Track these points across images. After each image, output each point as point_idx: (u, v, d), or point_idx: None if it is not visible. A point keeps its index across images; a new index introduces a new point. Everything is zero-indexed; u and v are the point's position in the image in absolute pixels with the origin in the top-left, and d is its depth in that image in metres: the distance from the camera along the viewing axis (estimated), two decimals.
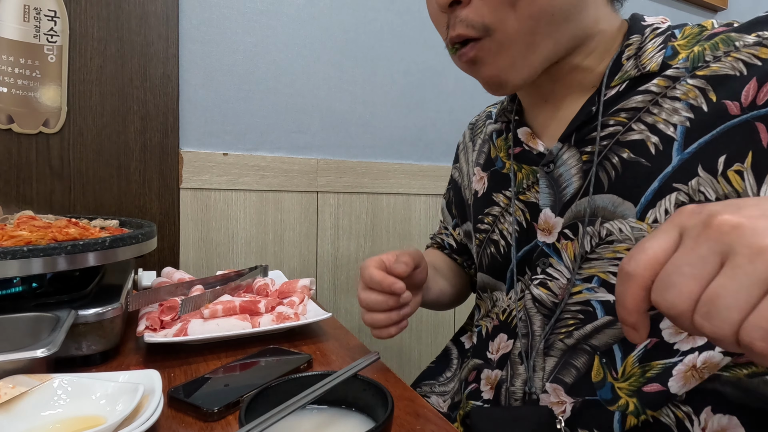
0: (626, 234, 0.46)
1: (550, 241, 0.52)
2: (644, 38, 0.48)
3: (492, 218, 0.60)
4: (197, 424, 0.41)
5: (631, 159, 0.47)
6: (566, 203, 0.51)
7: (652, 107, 0.46)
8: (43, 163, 0.86)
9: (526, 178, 0.55)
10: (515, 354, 0.54)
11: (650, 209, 0.45)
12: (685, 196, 0.44)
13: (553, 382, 0.50)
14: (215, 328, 0.57)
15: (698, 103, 0.44)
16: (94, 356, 0.51)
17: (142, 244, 0.57)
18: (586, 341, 0.49)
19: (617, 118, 0.48)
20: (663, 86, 0.46)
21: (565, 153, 0.51)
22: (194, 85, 0.99)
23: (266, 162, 1.06)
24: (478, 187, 0.64)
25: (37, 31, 0.83)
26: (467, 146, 0.72)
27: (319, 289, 1.15)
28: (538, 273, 0.53)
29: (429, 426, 0.41)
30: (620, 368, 0.47)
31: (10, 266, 0.45)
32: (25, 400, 0.37)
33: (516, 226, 0.56)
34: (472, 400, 0.57)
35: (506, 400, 0.53)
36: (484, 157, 0.65)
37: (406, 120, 1.23)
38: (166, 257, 0.97)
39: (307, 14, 1.09)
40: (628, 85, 0.48)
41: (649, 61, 0.47)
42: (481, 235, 0.62)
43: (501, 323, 0.58)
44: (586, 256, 0.49)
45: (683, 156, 0.44)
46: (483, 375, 0.57)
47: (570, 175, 0.50)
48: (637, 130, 0.47)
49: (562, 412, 0.49)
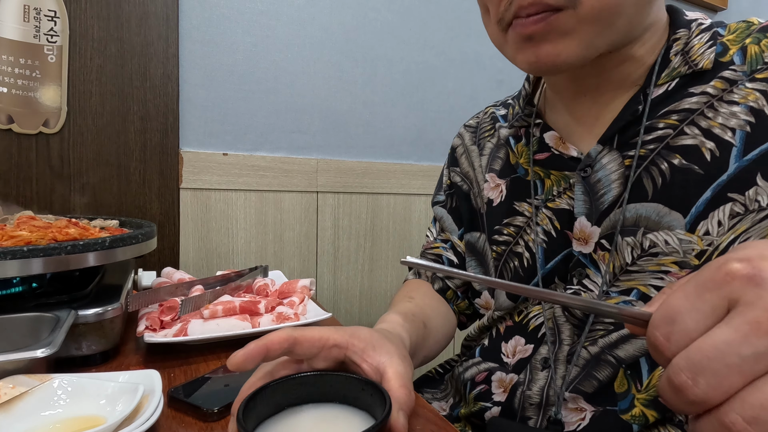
0: (673, 246, 0.43)
1: (587, 251, 0.48)
2: (691, 33, 0.45)
3: (515, 229, 0.56)
4: (197, 424, 0.41)
5: (682, 165, 0.43)
6: (604, 211, 0.47)
7: (707, 110, 0.43)
8: (43, 163, 0.86)
9: (556, 185, 0.51)
10: (537, 360, 0.51)
11: (701, 221, 0.42)
12: (741, 206, 0.41)
13: (573, 392, 0.48)
14: (215, 328, 0.57)
15: (759, 106, 0.41)
16: (94, 356, 0.51)
17: (142, 244, 0.57)
18: (611, 350, 0.46)
19: (667, 121, 0.44)
20: (720, 89, 0.43)
21: (604, 157, 0.47)
22: (194, 85, 0.99)
23: (266, 162, 1.06)
24: (493, 195, 0.59)
25: (37, 31, 0.83)
26: (469, 150, 0.66)
27: (319, 289, 1.15)
28: (573, 284, 0.49)
29: (429, 426, 0.41)
30: (646, 381, 0.45)
31: (10, 266, 0.45)
32: (25, 400, 0.37)
33: (543, 236, 0.52)
34: (480, 401, 0.55)
35: (520, 404, 0.51)
36: (500, 164, 0.59)
37: (406, 120, 1.23)
38: (166, 257, 0.97)
39: (307, 14, 1.09)
40: (678, 83, 0.44)
41: (700, 58, 0.44)
42: (500, 248, 0.57)
43: (516, 325, 0.55)
44: (626, 268, 0.46)
45: (741, 163, 0.41)
46: (495, 377, 0.54)
47: (609, 181, 0.47)
48: (691, 135, 0.43)
49: (582, 419, 0.47)
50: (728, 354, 0.20)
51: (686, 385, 0.21)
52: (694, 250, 0.42)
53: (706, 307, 0.21)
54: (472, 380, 0.57)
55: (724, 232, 0.42)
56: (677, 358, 0.21)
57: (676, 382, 0.21)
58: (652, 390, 0.44)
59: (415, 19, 1.21)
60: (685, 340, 0.21)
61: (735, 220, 0.41)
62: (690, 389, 0.20)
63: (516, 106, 0.58)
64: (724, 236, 0.41)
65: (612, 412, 0.46)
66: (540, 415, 0.49)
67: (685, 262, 0.43)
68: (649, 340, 0.23)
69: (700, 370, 0.20)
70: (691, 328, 0.21)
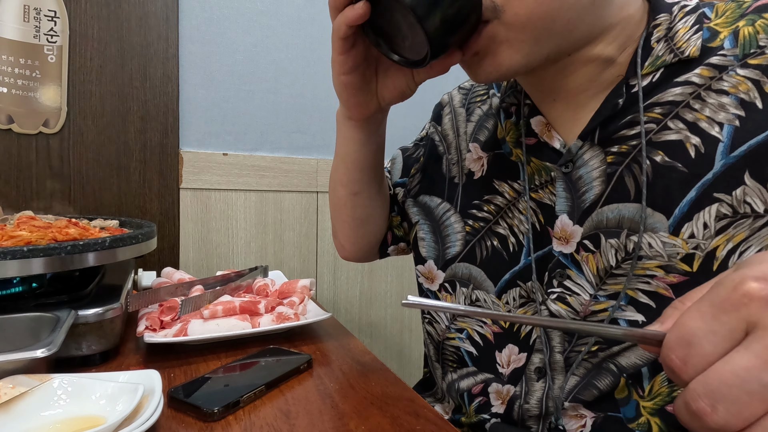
0: (657, 250, 0.41)
1: (568, 252, 0.46)
2: (673, 17, 0.42)
3: (495, 208, 0.53)
4: (197, 424, 0.41)
5: (665, 163, 0.40)
6: (586, 210, 0.45)
7: (694, 102, 0.40)
8: (43, 163, 0.86)
9: (537, 174, 0.48)
10: (531, 370, 0.49)
11: (686, 222, 0.39)
12: (728, 207, 0.38)
13: (573, 401, 0.46)
14: (215, 329, 0.57)
15: (751, 98, 0.38)
16: (94, 356, 0.51)
17: (142, 244, 0.57)
18: (612, 359, 0.44)
19: (650, 114, 0.41)
20: (707, 77, 0.39)
21: (586, 152, 0.44)
22: (194, 85, 0.99)
23: (266, 162, 1.06)
24: (474, 168, 0.55)
25: (37, 31, 0.83)
26: (457, 112, 0.60)
27: (319, 289, 1.15)
28: (554, 286, 0.47)
29: (429, 426, 0.41)
30: (647, 387, 0.43)
31: (10, 266, 0.45)
32: (25, 400, 0.37)
33: (527, 225, 0.49)
34: (480, 413, 0.53)
35: (519, 416, 0.49)
36: (485, 135, 0.55)
37: (406, 120, 1.23)
38: (166, 257, 0.97)
39: (307, 14, 1.09)
40: (664, 73, 0.41)
41: (685, 45, 0.40)
42: (477, 224, 0.54)
43: (506, 331, 0.51)
44: (611, 271, 0.43)
45: (728, 160, 0.38)
46: (492, 389, 0.52)
47: (591, 179, 0.44)
48: (675, 129, 0.40)
49: (582, 426, 0.45)
50: (748, 381, 0.19)
51: (705, 412, 0.20)
52: (679, 254, 0.40)
53: (724, 330, 0.21)
54: (468, 392, 0.54)
55: (710, 234, 0.39)
56: (695, 383, 0.21)
57: (694, 407, 0.20)
58: (658, 399, 0.43)
59: None
60: (702, 363, 0.21)
61: (722, 222, 0.39)
62: (709, 416, 0.20)
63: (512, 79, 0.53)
64: (713, 240, 0.39)
65: (615, 418, 0.44)
66: (540, 424, 0.49)
67: (671, 266, 0.41)
68: (665, 363, 0.23)
69: (720, 398, 0.20)
70: (708, 352, 0.21)
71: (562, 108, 0.46)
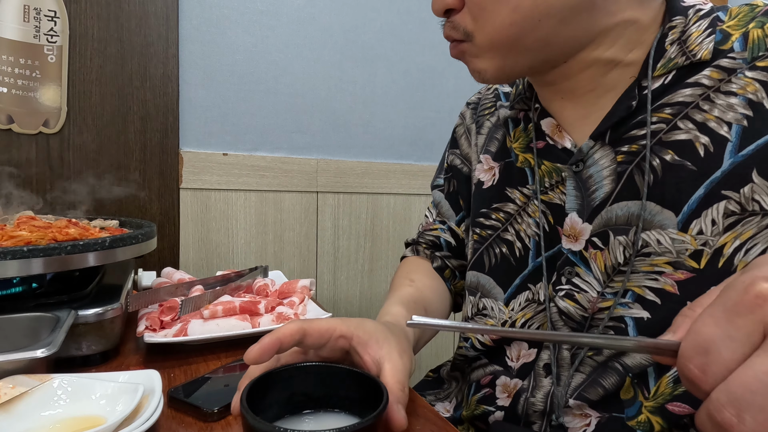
0: (665, 246, 0.42)
1: (577, 249, 0.47)
2: (687, 20, 0.43)
3: (504, 215, 0.54)
4: (197, 424, 0.41)
5: (674, 162, 0.41)
6: (596, 208, 0.46)
7: (703, 103, 0.41)
8: (43, 163, 0.86)
9: (548, 176, 0.50)
10: (540, 366, 0.49)
11: (694, 219, 0.40)
12: (736, 205, 0.39)
13: (578, 399, 0.46)
14: (215, 329, 0.57)
15: (758, 99, 0.39)
16: (94, 356, 0.51)
17: (142, 244, 0.57)
18: (618, 358, 0.45)
19: (660, 115, 0.43)
20: (716, 79, 0.41)
21: (597, 152, 0.45)
22: (194, 85, 0.99)
23: (266, 162, 1.06)
24: (484, 178, 0.58)
25: (37, 31, 0.83)
26: (469, 129, 0.64)
27: (319, 289, 1.15)
28: (563, 283, 0.48)
29: (429, 426, 0.41)
30: (653, 388, 0.43)
31: (10, 266, 0.45)
32: (25, 400, 0.37)
33: (536, 229, 0.51)
34: (484, 404, 0.54)
35: (523, 410, 0.50)
36: (496, 145, 0.57)
37: (406, 120, 1.23)
38: (166, 257, 0.97)
39: (307, 14, 1.09)
40: (676, 75, 0.42)
41: (698, 48, 0.41)
42: (485, 231, 0.56)
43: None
44: (618, 268, 0.44)
45: (736, 159, 0.39)
46: (499, 381, 0.53)
47: (601, 177, 0.45)
48: (684, 129, 0.41)
49: (587, 425, 0.46)
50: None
51: (731, 423, 0.19)
52: (688, 250, 0.41)
53: (741, 334, 0.20)
54: (477, 382, 0.56)
55: (718, 231, 0.40)
56: (717, 393, 0.20)
57: (719, 419, 0.19)
58: (660, 398, 0.43)
59: (415, 20, 1.21)
60: (722, 371, 0.20)
61: (730, 219, 0.40)
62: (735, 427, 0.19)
63: (520, 85, 0.55)
64: (722, 237, 0.40)
65: (618, 418, 0.45)
66: (544, 421, 0.49)
67: (679, 263, 0.41)
68: (683, 373, 0.22)
69: (745, 406, 0.19)
70: (727, 359, 0.20)
71: (571, 107, 0.48)
